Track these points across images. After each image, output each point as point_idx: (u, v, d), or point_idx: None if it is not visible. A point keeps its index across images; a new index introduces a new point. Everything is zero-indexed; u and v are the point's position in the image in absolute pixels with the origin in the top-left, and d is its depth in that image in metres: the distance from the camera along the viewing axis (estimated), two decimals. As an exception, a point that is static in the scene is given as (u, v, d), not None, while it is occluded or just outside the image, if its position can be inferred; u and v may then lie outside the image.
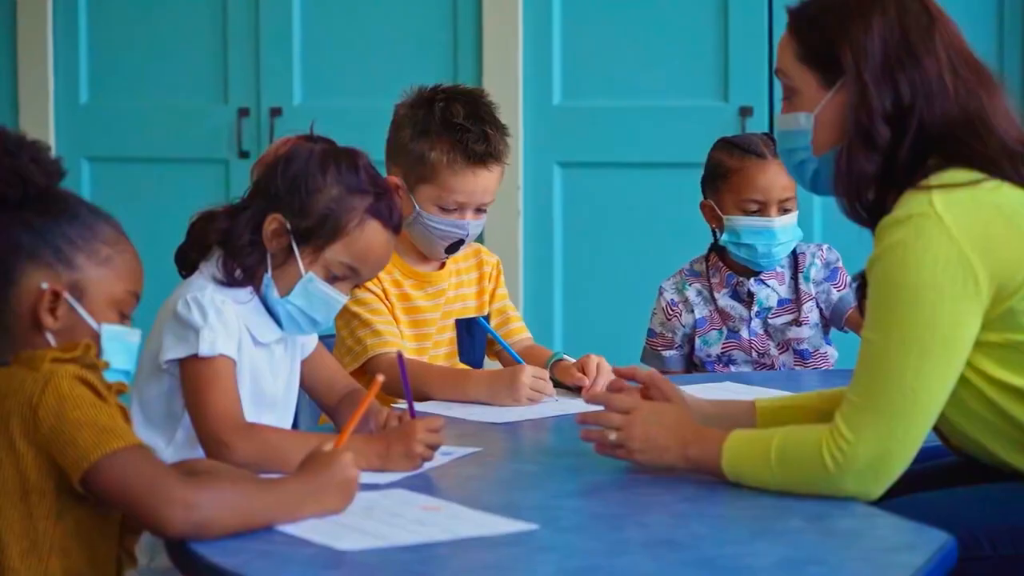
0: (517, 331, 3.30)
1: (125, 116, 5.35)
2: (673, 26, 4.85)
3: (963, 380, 2.18)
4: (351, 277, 2.50)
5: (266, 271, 2.47)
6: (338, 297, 2.49)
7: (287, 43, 5.17)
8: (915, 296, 2.11)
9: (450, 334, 3.22)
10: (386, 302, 3.12)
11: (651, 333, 3.59)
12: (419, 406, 2.89)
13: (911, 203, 2.15)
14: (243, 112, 5.20)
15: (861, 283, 2.27)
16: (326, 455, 2.08)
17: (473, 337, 3.24)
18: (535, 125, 4.97)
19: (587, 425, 2.38)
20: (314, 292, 2.48)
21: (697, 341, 3.51)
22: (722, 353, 3.49)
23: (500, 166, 3.09)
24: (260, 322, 2.48)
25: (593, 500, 2.18)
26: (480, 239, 4.94)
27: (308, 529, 1.98)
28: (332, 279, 2.48)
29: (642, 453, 2.30)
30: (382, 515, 2.06)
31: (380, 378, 2.15)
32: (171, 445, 2.43)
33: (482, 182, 3.07)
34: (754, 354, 3.47)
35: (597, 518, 2.08)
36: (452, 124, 3.05)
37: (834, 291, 3.47)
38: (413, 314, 3.16)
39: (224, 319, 2.40)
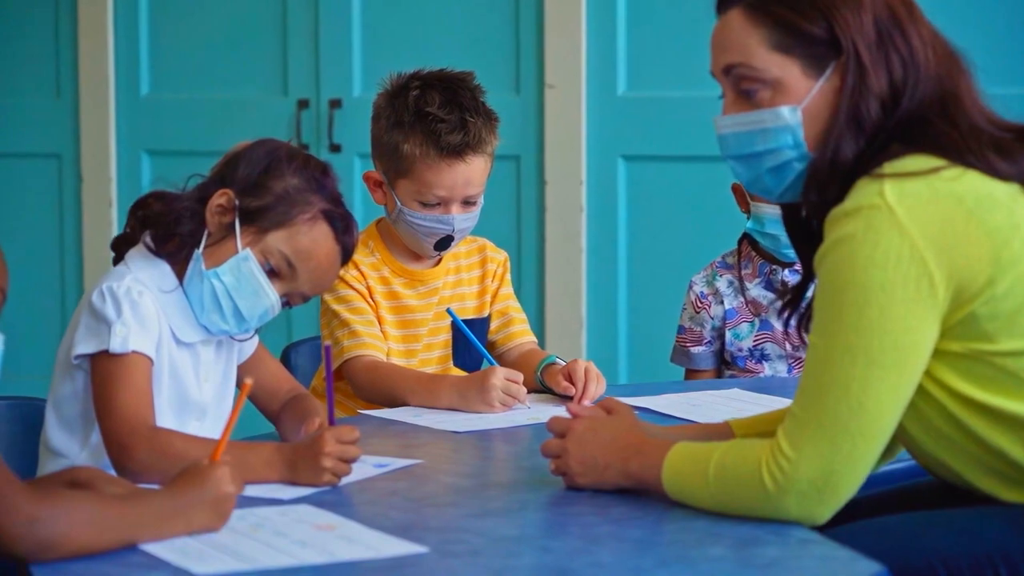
0: (519, 334, 3.07)
1: (185, 108, 5.26)
2: (740, 12, 4.60)
3: (923, 393, 1.94)
4: (286, 276, 2.31)
5: (197, 246, 2.31)
6: (268, 289, 2.30)
7: (347, 35, 5.05)
8: (862, 297, 1.87)
9: (445, 336, 3.02)
10: (370, 301, 2.93)
11: (680, 329, 3.41)
12: (392, 412, 2.72)
13: (862, 193, 1.91)
14: (303, 104, 5.08)
15: (807, 282, 2.05)
16: (200, 468, 1.90)
17: (469, 339, 3.02)
18: (599, 117, 4.78)
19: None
20: (245, 273, 2.29)
21: (728, 335, 3.32)
22: (754, 347, 3.29)
23: (482, 156, 2.86)
24: (183, 319, 2.32)
25: (507, 520, 1.97)
26: (541, 235, 4.79)
27: (171, 549, 1.81)
28: (268, 271, 2.31)
29: (583, 476, 2.08)
30: (266, 534, 1.89)
31: (249, 381, 1.95)
32: (86, 448, 2.28)
33: (461, 175, 2.84)
34: (788, 347, 3.26)
35: (498, 542, 1.86)
36: (425, 114, 2.84)
37: None
38: (401, 313, 2.97)
39: (140, 314, 2.24)
